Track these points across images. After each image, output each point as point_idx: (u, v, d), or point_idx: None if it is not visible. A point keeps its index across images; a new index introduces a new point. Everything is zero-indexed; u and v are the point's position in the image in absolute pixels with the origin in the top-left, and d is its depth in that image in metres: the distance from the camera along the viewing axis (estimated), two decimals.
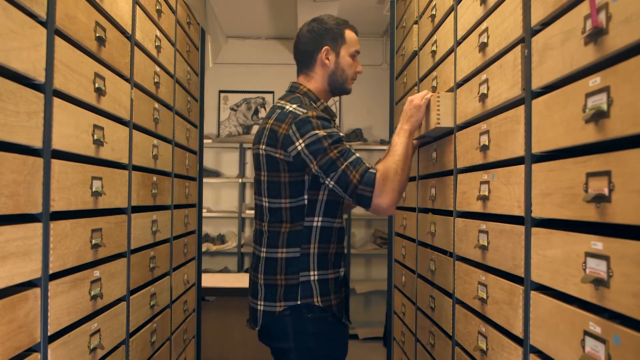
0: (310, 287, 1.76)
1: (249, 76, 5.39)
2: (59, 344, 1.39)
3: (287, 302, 1.76)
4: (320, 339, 1.79)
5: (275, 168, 1.76)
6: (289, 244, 1.78)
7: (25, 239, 1.23)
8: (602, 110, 0.95)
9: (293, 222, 1.77)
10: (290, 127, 1.72)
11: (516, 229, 1.34)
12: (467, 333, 1.70)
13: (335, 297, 1.82)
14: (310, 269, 1.77)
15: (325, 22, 1.91)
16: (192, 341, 3.21)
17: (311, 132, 1.70)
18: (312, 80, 1.91)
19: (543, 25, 1.23)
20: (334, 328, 1.83)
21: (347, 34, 1.91)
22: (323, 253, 1.79)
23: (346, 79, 1.91)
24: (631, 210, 0.88)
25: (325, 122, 1.73)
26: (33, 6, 1.25)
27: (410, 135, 1.83)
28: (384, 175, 1.67)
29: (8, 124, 1.14)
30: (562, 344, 1.10)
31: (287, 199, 1.77)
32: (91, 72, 1.59)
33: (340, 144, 1.71)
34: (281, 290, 1.77)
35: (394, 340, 3.10)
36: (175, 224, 2.65)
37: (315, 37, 1.90)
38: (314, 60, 1.90)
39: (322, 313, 1.78)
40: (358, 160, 1.69)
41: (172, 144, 2.60)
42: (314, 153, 1.69)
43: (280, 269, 1.78)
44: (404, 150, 1.76)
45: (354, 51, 1.91)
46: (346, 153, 1.70)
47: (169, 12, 2.53)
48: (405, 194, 2.74)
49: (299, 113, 1.73)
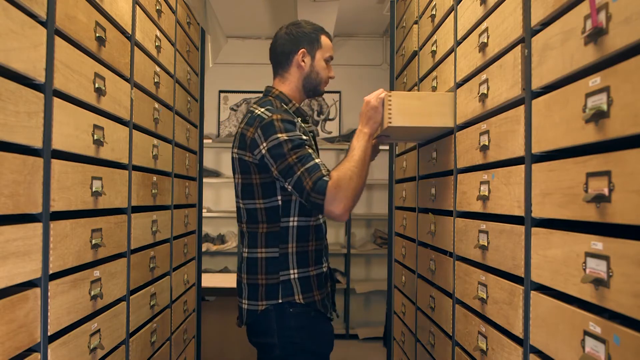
0: (290, 286, 1.81)
1: (249, 76, 5.39)
2: (59, 344, 1.39)
3: (269, 301, 1.81)
4: (303, 333, 1.82)
5: (247, 170, 1.82)
6: (268, 244, 1.82)
7: (25, 239, 1.23)
8: (602, 110, 0.95)
9: (269, 222, 1.82)
10: (256, 130, 1.77)
11: (516, 229, 1.34)
12: (467, 333, 1.71)
13: (319, 292, 1.85)
14: (290, 268, 1.82)
15: (302, 27, 1.97)
16: (192, 341, 3.21)
17: (273, 136, 1.74)
18: (286, 81, 1.96)
19: (543, 25, 1.23)
20: (317, 323, 1.86)
21: (323, 39, 1.97)
22: (302, 251, 1.83)
23: (320, 82, 1.97)
24: (631, 210, 0.88)
25: (289, 124, 1.76)
26: (33, 6, 1.25)
27: (370, 138, 1.84)
28: (336, 183, 1.68)
29: (8, 124, 1.14)
30: (562, 344, 1.10)
31: (260, 200, 1.82)
32: (91, 72, 1.59)
33: (301, 148, 1.73)
34: (263, 289, 1.82)
35: (394, 340, 3.10)
36: (175, 224, 2.65)
37: (293, 40, 1.95)
38: (290, 62, 1.95)
39: (305, 308, 1.82)
40: (315, 167, 1.71)
41: (172, 144, 2.60)
42: (274, 157, 1.74)
43: (260, 268, 1.83)
44: (361, 154, 1.77)
45: (328, 56, 1.98)
46: (304, 158, 1.72)
47: (169, 12, 2.53)
48: (405, 193, 2.74)
49: (265, 117, 1.78)
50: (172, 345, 2.63)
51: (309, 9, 4.02)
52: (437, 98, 1.88)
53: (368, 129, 1.84)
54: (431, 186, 2.17)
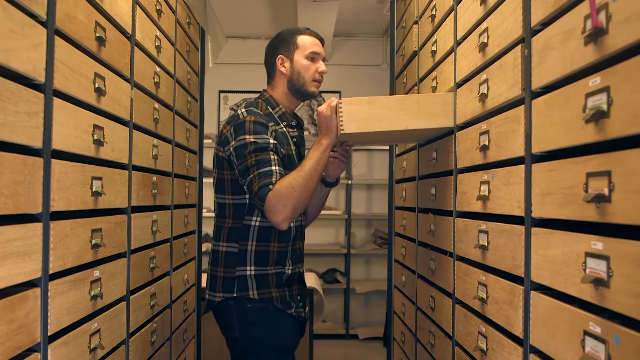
0: (245, 282, 1.88)
1: (249, 76, 5.38)
2: (59, 344, 1.39)
3: (225, 294, 1.89)
4: (263, 328, 1.87)
5: (221, 166, 1.91)
6: (229, 239, 1.91)
7: (25, 239, 1.23)
8: (602, 110, 0.95)
9: (234, 218, 1.90)
10: (230, 128, 1.86)
11: (516, 229, 1.34)
12: (467, 333, 1.71)
13: (278, 290, 1.90)
14: (247, 265, 1.88)
15: (280, 34, 2.04)
16: (192, 341, 3.21)
17: (241, 136, 1.81)
18: (275, 88, 2.03)
19: (543, 25, 1.23)
20: (277, 318, 1.90)
21: (299, 39, 1.99)
22: (262, 250, 1.89)
23: (304, 82, 1.98)
24: (631, 210, 0.88)
25: (260, 127, 1.82)
26: (33, 6, 1.25)
27: (327, 149, 1.84)
28: (277, 192, 1.71)
29: (8, 124, 1.14)
30: (562, 344, 1.10)
31: (230, 195, 1.90)
32: (91, 72, 1.59)
33: (262, 152, 1.78)
34: (220, 281, 1.90)
35: (394, 340, 3.10)
36: (175, 224, 2.65)
37: (272, 49, 2.03)
38: (275, 70, 2.02)
39: (262, 303, 1.88)
40: (267, 173, 1.75)
41: (172, 144, 2.60)
42: (237, 157, 1.82)
43: (220, 261, 1.92)
44: (312, 164, 1.79)
45: (309, 53, 1.98)
46: (261, 162, 1.77)
47: (169, 12, 2.53)
48: (405, 193, 2.74)
49: (240, 117, 1.86)
50: (172, 345, 2.63)
51: (309, 9, 4.02)
52: (386, 101, 1.84)
53: (326, 139, 1.84)
54: (431, 186, 2.17)
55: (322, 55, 2.01)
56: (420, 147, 2.39)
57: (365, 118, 1.81)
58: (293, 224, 1.94)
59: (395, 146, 3.10)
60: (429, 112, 1.85)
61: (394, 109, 1.82)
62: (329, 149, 1.86)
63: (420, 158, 2.40)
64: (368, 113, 1.81)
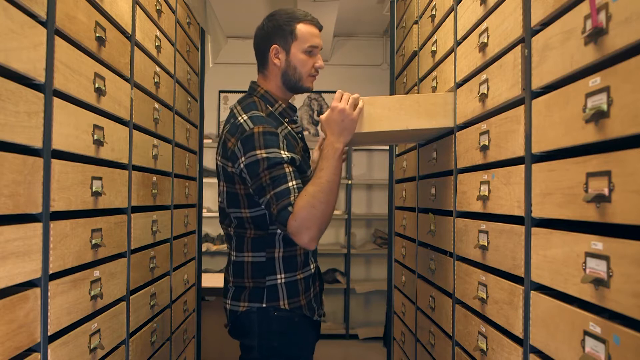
0: (276, 291, 1.76)
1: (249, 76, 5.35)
2: (59, 344, 1.39)
3: (251, 304, 1.76)
4: (284, 338, 1.77)
5: (231, 180, 1.76)
6: (255, 249, 1.77)
7: (25, 239, 1.23)
8: (602, 110, 0.95)
9: (257, 229, 1.76)
10: (237, 142, 1.69)
11: (516, 229, 1.34)
12: (467, 333, 1.70)
13: (305, 296, 1.80)
14: (276, 273, 1.76)
15: (276, 19, 1.82)
16: (192, 341, 3.21)
17: (251, 152, 1.65)
18: (267, 80, 1.85)
19: (543, 25, 1.23)
20: (300, 328, 1.80)
21: (299, 30, 1.79)
22: (290, 256, 1.78)
23: (300, 78, 1.82)
24: (631, 210, 0.88)
25: (270, 138, 1.66)
26: (33, 6, 1.25)
27: (342, 154, 1.71)
28: (297, 216, 1.59)
29: (8, 124, 1.14)
30: (562, 344, 1.10)
31: (246, 209, 1.76)
32: (91, 72, 1.59)
33: (275, 168, 1.63)
34: (247, 292, 1.77)
35: (394, 340, 3.10)
36: (175, 224, 2.65)
37: (265, 36, 1.83)
38: (267, 60, 1.84)
39: (289, 313, 1.76)
40: (284, 192, 1.62)
41: (172, 144, 2.60)
42: (250, 175, 1.67)
43: (247, 272, 1.78)
44: (329, 176, 1.65)
45: (308, 47, 1.80)
46: (277, 180, 1.63)
47: (169, 12, 2.53)
48: (405, 193, 2.74)
49: (246, 128, 1.68)
50: (172, 345, 2.63)
51: (308, 9, 4.01)
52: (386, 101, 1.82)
53: (339, 142, 1.71)
54: (431, 186, 2.17)
55: (320, 46, 1.83)
56: (420, 147, 2.39)
57: (365, 118, 1.80)
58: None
59: (395, 146, 3.10)
60: (429, 112, 1.84)
61: (394, 109, 1.82)
62: (344, 153, 1.73)
63: (420, 158, 2.40)
64: (368, 113, 1.80)
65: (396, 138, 2.34)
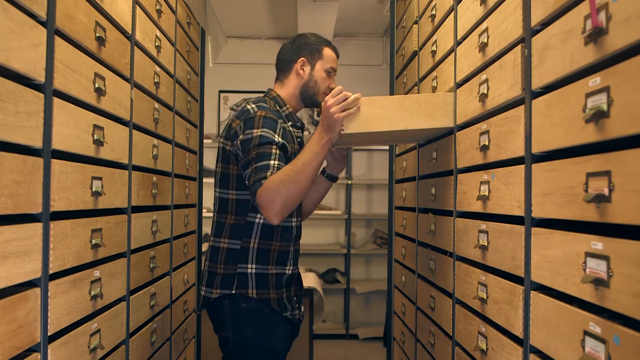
0: (246, 279, 1.85)
1: (249, 76, 5.39)
2: (59, 344, 1.39)
3: (223, 290, 1.86)
4: (256, 329, 1.85)
5: (227, 160, 1.88)
6: (231, 236, 1.88)
7: (25, 239, 1.23)
8: (602, 110, 0.95)
9: (237, 215, 1.87)
10: (240, 122, 1.84)
11: (516, 229, 1.34)
12: (467, 333, 1.70)
13: (275, 292, 1.88)
14: (248, 262, 1.86)
15: (307, 37, 2.04)
16: (192, 341, 3.21)
17: (249, 130, 1.79)
18: (284, 87, 2.02)
19: (543, 25, 1.23)
20: (272, 320, 1.87)
21: (325, 51, 2.02)
22: (264, 249, 1.87)
23: (317, 92, 2.00)
24: (631, 210, 0.88)
25: (269, 122, 1.80)
26: (33, 6, 1.25)
27: (327, 143, 1.78)
28: (266, 187, 1.67)
29: (8, 124, 1.14)
30: (562, 344, 1.10)
31: (233, 190, 1.88)
32: (91, 72, 1.59)
33: (264, 146, 1.74)
34: (219, 278, 1.87)
35: (394, 340, 3.10)
36: (175, 224, 2.65)
37: (295, 49, 2.02)
38: (290, 69, 2.02)
39: (258, 304, 1.85)
40: (263, 167, 1.71)
41: (172, 144, 2.60)
42: (242, 150, 1.80)
43: (221, 258, 1.88)
44: (307, 159, 1.74)
45: (329, 67, 2.01)
46: (261, 156, 1.73)
47: (169, 12, 2.53)
48: (405, 193, 2.74)
49: (251, 112, 1.84)
50: (172, 345, 2.63)
51: (309, 9, 4.01)
52: (386, 102, 1.82)
53: (327, 134, 1.79)
54: (431, 186, 2.17)
55: (335, 72, 2.05)
56: (420, 147, 2.39)
57: (365, 118, 1.80)
58: (294, 223, 1.94)
59: (395, 146, 3.10)
60: (429, 112, 1.84)
61: (394, 109, 1.82)
62: (330, 144, 1.81)
63: (420, 158, 2.40)
64: (368, 113, 1.80)
65: (396, 138, 2.34)
